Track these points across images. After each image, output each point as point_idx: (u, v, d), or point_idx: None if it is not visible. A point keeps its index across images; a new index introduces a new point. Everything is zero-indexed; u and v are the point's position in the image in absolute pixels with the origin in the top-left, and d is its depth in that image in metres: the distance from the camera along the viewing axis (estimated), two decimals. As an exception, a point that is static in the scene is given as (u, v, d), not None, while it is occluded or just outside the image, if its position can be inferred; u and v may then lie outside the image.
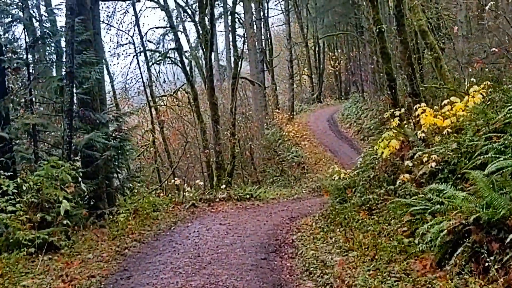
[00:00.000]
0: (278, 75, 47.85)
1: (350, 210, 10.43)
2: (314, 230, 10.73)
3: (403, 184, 9.66)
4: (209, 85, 24.01)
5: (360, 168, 14.28)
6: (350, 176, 13.28)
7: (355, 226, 9.74)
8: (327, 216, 11.30)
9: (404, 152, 10.69)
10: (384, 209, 9.76)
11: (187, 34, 28.69)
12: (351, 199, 11.34)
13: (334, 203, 11.61)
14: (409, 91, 14.78)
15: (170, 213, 15.01)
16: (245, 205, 17.90)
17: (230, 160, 24.01)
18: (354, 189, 11.60)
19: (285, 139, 32.89)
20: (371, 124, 33.18)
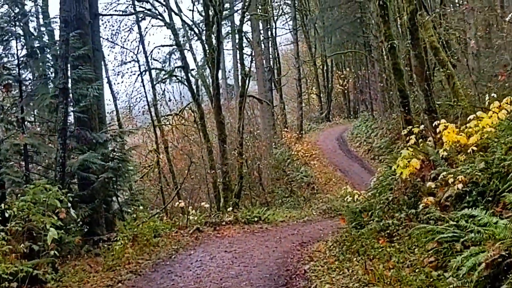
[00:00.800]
0: (286, 94, 46.96)
1: (368, 237, 9.33)
2: (328, 258, 9.64)
3: (425, 208, 8.59)
4: (216, 103, 23.09)
5: (375, 189, 13.23)
6: (365, 198, 12.17)
7: (374, 255, 8.65)
8: (342, 242, 10.19)
9: (424, 172, 9.64)
10: (406, 236, 8.67)
11: (193, 53, 27.85)
12: (368, 223, 10.25)
13: (350, 228, 10.51)
14: (425, 107, 13.72)
15: (172, 239, 13.96)
16: (253, 228, 16.81)
17: (237, 180, 22.96)
18: (371, 213, 10.52)
19: (294, 159, 31.82)
20: (381, 143, 32.12)
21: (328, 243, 12.03)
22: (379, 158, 31.13)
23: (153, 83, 24.34)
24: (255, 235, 15.21)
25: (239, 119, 24.04)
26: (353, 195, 14.77)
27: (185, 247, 12.75)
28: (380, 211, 9.71)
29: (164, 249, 12.47)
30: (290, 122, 42.09)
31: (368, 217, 10.50)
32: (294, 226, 18.04)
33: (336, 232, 16.11)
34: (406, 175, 9.12)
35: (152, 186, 25.27)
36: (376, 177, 15.07)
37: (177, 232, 15.19)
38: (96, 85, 13.29)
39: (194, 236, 14.44)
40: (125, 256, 11.28)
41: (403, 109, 17.26)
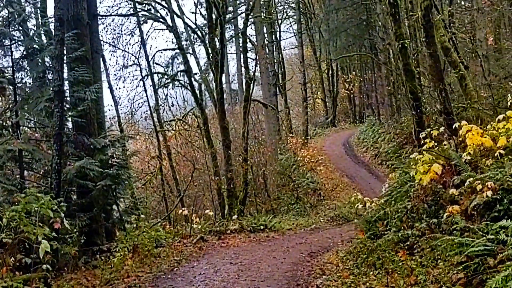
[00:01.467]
0: (291, 99, 46.27)
1: (385, 248, 8.60)
2: (341, 272, 8.91)
3: (449, 217, 7.86)
4: (220, 108, 22.42)
5: (388, 197, 12.51)
6: (378, 206, 11.42)
7: (393, 269, 7.93)
8: (356, 254, 9.45)
9: (446, 178, 8.90)
10: (427, 248, 7.94)
11: (196, 56, 27.21)
12: (383, 234, 9.52)
13: (364, 239, 9.78)
14: (441, 109, 13.03)
15: (175, 249, 13.24)
16: (259, 237, 16.11)
17: (242, 187, 22.23)
18: (386, 222, 9.78)
19: (300, 165, 31.09)
20: (388, 148, 31.44)
21: (339, 254, 11.34)
22: (387, 163, 30.50)
23: (155, 88, 23.66)
24: (261, 245, 14.50)
25: (244, 124, 23.33)
26: (363, 202, 14.11)
27: (188, 259, 12.02)
28: (398, 220, 8.98)
29: (166, 260, 11.74)
30: (295, 127, 41.41)
31: (384, 227, 9.77)
32: (302, 234, 17.34)
33: (346, 241, 15.45)
34: (427, 182, 8.39)
35: (155, 194, 24.58)
36: (388, 184, 14.38)
37: (180, 241, 14.49)
38: (95, 88, 12.61)
39: (197, 246, 13.72)
40: (124, 269, 10.58)
41: (414, 112, 16.58)
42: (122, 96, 26.17)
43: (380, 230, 9.75)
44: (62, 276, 10.42)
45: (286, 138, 34.49)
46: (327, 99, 47.14)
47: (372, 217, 10.48)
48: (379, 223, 9.94)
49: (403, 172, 11.39)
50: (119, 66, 24.54)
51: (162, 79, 27.15)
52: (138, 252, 11.96)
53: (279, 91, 37.86)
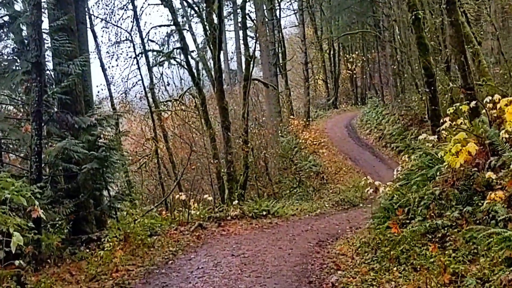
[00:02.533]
0: (291, 81, 44.86)
1: (410, 240, 7.43)
2: (359, 267, 7.77)
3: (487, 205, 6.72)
4: (218, 87, 21.16)
5: (404, 180, 11.37)
6: (394, 191, 10.23)
7: (421, 264, 6.80)
8: (375, 246, 8.29)
9: (479, 160, 7.74)
10: (461, 241, 6.80)
11: (193, 33, 25.77)
12: (405, 223, 8.36)
13: (383, 229, 8.60)
14: (462, 84, 11.81)
15: (171, 238, 12.09)
16: (262, 224, 14.98)
17: (242, 170, 21.10)
18: (408, 210, 8.61)
19: (302, 147, 29.90)
20: (393, 130, 30.22)
21: (352, 244, 10.20)
22: (391, 145, 29.38)
23: (150, 66, 22.37)
24: (264, 232, 13.38)
25: (244, 104, 22.12)
26: (375, 187, 13.00)
27: (185, 249, 10.87)
28: (424, 207, 7.81)
29: (161, 251, 10.60)
30: (296, 109, 40.11)
31: (405, 215, 8.60)
32: (307, 220, 16.23)
33: (355, 228, 14.33)
34: (460, 164, 7.22)
35: (151, 178, 23.46)
36: (401, 167, 13.23)
37: (177, 229, 13.34)
38: (79, 61, 11.40)
39: (195, 235, 12.57)
40: (113, 262, 9.44)
41: (428, 89, 15.45)
42: (115, 75, 24.76)
43: (400, 218, 8.59)
44: (44, 269, 9.32)
45: (287, 120, 33.25)
46: (328, 80, 45.81)
47: (391, 204, 9.28)
48: (399, 210, 8.77)
49: (423, 154, 10.19)
50: (112, 43, 23.15)
51: (158, 57, 25.85)
52: (129, 242, 10.82)
53: (279, 71, 36.53)
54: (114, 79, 24.83)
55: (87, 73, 13.78)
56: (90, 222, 12.19)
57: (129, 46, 23.69)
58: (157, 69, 25.18)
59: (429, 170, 9.39)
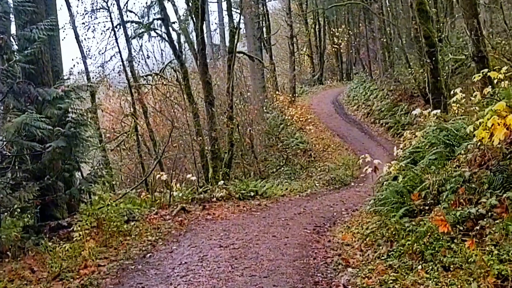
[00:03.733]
0: (276, 56, 43.26)
1: (436, 232, 6.11)
2: (373, 264, 6.44)
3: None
4: (201, 60, 19.68)
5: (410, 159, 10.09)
6: (411, 173, 8.82)
7: (453, 263, 5.50)
8: (390, 236, 6.94)
9: (515, 136, 6.41)
10: (503, 233, 5.49)
11: (174, 3, 24.05)
12: (424, 210, 7.04)
13: (398, 217, 7.23)
14: (473, 52, 10.48)
15: (150, 224, 10.70)
16: (250, 206, 13.66)
17: (227, 148, 19.73)
18: (425, 194, 7.29)
19: (288, 124, 28.56)
20: (382, 106, 28.99)
21: (357, 232, 8.91)
22: (380, 121, 28.19)
23: (128, 37, 20.73)
24: (254, 216, 12.04)
25: (228, 78, 20.60)
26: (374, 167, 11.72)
27: (166, 238, 9.48)
28: (450, 192, 6.49)
29: (138, 241, 9.20)
30: (281, 85, 38.62)
31: (422, 200, 7.28)
32: (298, 201, 14.94)
33: (350, 210, 13.08)
34: (498, 140, 5.87)
35: (131, 157, 21.99)
36: (404, 144, 11.95)
37: (157, 213, 11.96)
38: (45, 25, 9.85)
39: (178, 220, 11.17)
40: (82, 255, 8.04)
41: (429, 60, 14.15)
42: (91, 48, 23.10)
43: (416, 204, 7.26)
44: (1, 265, 7.92)
45: (272, 96, 31.81)
46: (314, 55, 44.33)
47: (403, 186, 7.93)
48: (414, 194, 7.44)
49: (436, 129, 8.85)
50: (87, 13, 21.40)
51: (137, 30, 24.18)
52: (102, 230, 9.41)
53: (263, 46, 34.97)
54: (91, 52, 23.23)
55: (56, 41, 12.23)
56: (60, 207, 10.80)
57: (106, 17, 21.84)
58: (136, 42, 23.57)
59: (446, 147, 8.07)
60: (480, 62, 10.40)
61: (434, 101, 14.14)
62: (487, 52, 10.52)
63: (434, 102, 14.11)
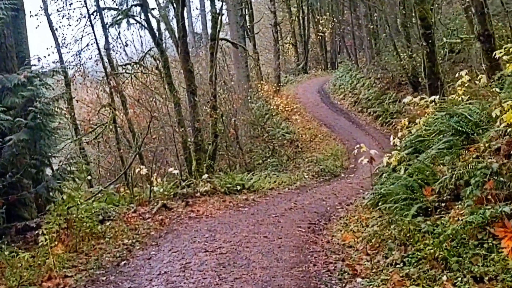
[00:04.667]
0: (259, 45, 42.09)
1: (460, 234, 5.13)
2: (386, 272, 5.45)
3: None
4: (183, 48, 18.51)
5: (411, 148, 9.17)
6: (420, 165, 7.80)
7: (487, 272, 4.53)
8: (403, 240, 5.94)
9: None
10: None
11: (154, -10, 22.89)
12: (440, 207, 6.07)
13: (410, 216, 6.22)
14: (479, 30, 9.51)
15: (128, 224, 9.63)
16: (237, 201, 12.66)
17: (211, 139, 18.66)
18: (439, 188, 6.31)
19: (273, 114, 27.46)
20: (369, 94, 28.08)
21: (357, 231, 7.95)
22: (368, 110, 27.30)
23: (104, 23, 19.50)
24: (241, 213, 11.04)
25: (211, 67, 19.49)
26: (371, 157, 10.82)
27: (144, 241, 8.41)
28: (475, 187, 5.51)
29: (112, 245, 8.12)
30: (265, 74, 37.50)
31: (436, 196, 6.31)
32: (288, 195, 13.98)
33: (344, 203, 12.13)
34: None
35: (110, 150, 20.80)
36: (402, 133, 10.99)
37: (136, 211, 10.89)
38: (5, 4, 8.74)
39: (158, 219, 10.11)
40: (48, 262, 6.96)
41: (425, 43, 13.20)
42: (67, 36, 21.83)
43: (429, 201, 6.28)
44: None
45: (257, 86, 30.70)
46: (298, 44, 43.27)
47: (413, 180, 6.92)
48: (426, 189, 6.47)
49: (445, 115, 7.86)
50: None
51: (116, 18, 22.92)
52: (72, 233, 8.34)
53: (246, 34, 33.80)
54: (67, 40, 21.92)
55: (21, 24, 11.00)
56: (28, 206, 9.72)
57: (81, 2, 20.53)
58: (115, 30, 22.35)
59: (459, 135, 7.09)
60: (486, 42, 9.45)
61: (431, 86, 13.23)
62: (493, 31, 9.54)
63: (431, 87, 13.20)
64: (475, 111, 7.29)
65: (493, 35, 9.51)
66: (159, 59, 20.99)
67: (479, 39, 9.56)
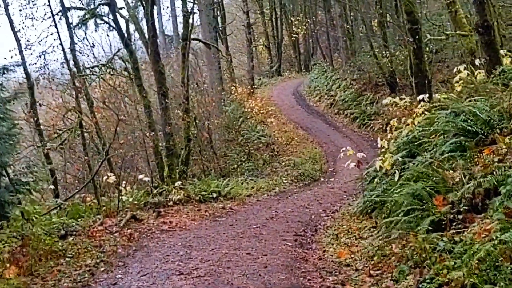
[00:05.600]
0: (232, 48, 41.05)
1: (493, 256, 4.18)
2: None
3: None
4: (153, 48, 17.45)
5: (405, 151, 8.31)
6: (428, 170, 6.83)
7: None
8: (417, 261, 4.96)
9: None
10: None
11: (121, -12, 21.62)
12: (456, 220, 5.13)
13: (423, 231, 5.22)
14: (478, 21, 8.65)
15: (93, 239, 8.51)
16: (213, 210, 11.63)
17: (184, 144, 17.60)
18: (459, 197, 5.35)
19: (248, 117, 26.46)
20: (345, 96, 27.25)
21: (350, 242, 7.00)
22: (345, 112, 26.49)
23: (69, 23, 18.25)
24: (219, 223, 10.04)
25: (183, 68, 18.43)
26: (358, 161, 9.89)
27: (110, 260, 7.28)
28: (507, 196, 4.53)
29: (73, 266, 6.99)
30: (238, 77, 36.47)
31: (450, 207, 5.36)
32: (267, 202, 13.02)
33: (330, 211, 11.21)
34: None
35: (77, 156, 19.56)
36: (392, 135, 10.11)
37: (102, 223, 9.77)
38: None
39: (126, 233, 8.99)
40: (-6, 292, 5.86)
41: (412, 39, 12.38)
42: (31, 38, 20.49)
43: (442, 212, 5.34)
44: None
45: (230, 88, 29.66)
46: (271, 46, 42.36)
47: (421, 189, 5.94)
48: (437, 198, 5.53)
49: (450, 113, 6.91)
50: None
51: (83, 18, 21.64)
52: (28, 253, 7.21)
53: (219, 36, 32.74)
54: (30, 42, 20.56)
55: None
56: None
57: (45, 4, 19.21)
58: (82, 32, 21.07)
59: (469, 136, 6.19)
60: (485, 34, 8.57)
61: (418, 84, 12.39)
62: (493, 22, 8.71)
63: (418, 85, 12.37)
64: (483, 108, 6.39)
65: (493, 26, 8.66)
66: (128, 60, 19.83)
67: (478, 31, 8.68)
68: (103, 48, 25.69)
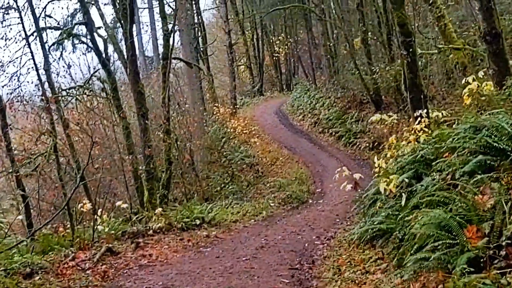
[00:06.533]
0: (213, 68, 40.22)
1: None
2: None
3: None
4: (132, 68, 16.44)
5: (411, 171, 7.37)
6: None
7: None
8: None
9: None
10: None
11: (99, 8, 20.60)
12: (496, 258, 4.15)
13: (458, 272, 4.23)
14: (485, 28, 7.80)
15: (62, 278, 7.38)
16: (197, 239, 10.56)
17: (165, 166, 16.56)
18: (491, 226, 4.37)
19: (231, 137, 25.49)
20: (330, 114, 26.38)
21: (359, 280, 5.97)
22: (329, 131, 25.57)
23: (43, 43, 17.11)
24: (204, 256, 8.95)
25: (164, 88, 17.45)
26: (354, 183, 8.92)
27: (79, 307, 6.21)
28: None
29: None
30: (220, 97, 35.55)
31: (486, 239, 4.37)
32: (255, 228, 11.95)
33: (324, 238, 10.19)
34: None
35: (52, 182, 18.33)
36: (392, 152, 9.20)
37: (74, 258, 8.64)
38: None
39: (100, 271, 7.85)
40: None
41: (405, 52, 11.50)
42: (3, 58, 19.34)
43: (480, 247, 4.34)
44: None
45: (212, 108, 28.68)
46: (252, 66, 41.61)
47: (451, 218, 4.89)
48: (469, 228, 4.54)
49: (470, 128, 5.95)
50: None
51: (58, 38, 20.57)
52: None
53: (200, 56, 31.85)
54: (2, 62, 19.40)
55: None
56: None
57: (18, 23, 18.10)
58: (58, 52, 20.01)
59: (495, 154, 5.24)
60: (493, 43, 7.74)
61: (413, 100, 11.48)
62: (502, 30, 7.85)
63: (413, 100, 11.45)
64: (508, 122, 5.46)
65: (501, 34, 7.79)
66: (106, 81, 18.77)
67: (485, 39, 7.84)
68: (81, 70, 24.35)
